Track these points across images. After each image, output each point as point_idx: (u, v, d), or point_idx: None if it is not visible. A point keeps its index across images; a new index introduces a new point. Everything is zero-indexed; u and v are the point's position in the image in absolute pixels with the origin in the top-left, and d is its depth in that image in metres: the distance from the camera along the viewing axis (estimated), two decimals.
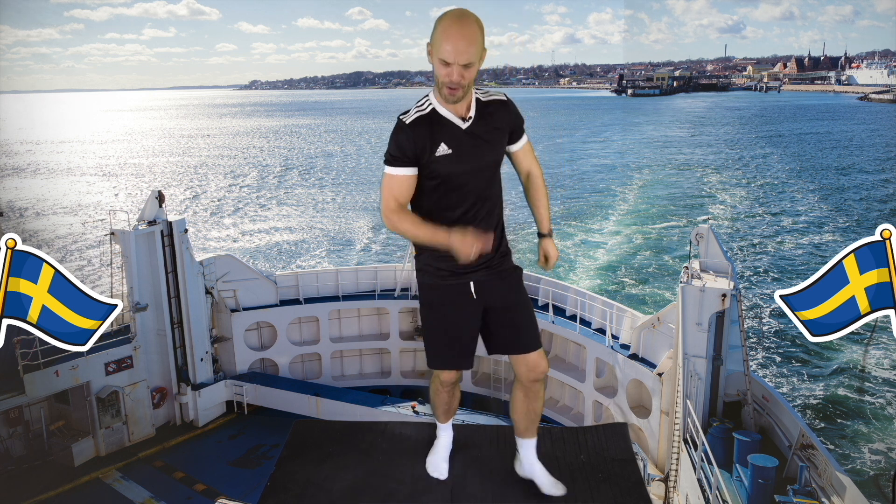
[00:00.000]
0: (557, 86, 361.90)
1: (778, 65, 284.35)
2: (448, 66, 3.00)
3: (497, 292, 3.48)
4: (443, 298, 3.49)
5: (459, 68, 3.00)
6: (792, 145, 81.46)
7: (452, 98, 3.11)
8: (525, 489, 3.88)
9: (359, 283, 19.22)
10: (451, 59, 2.97)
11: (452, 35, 2.95)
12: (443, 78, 3.05)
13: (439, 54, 2.99)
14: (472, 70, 3.05)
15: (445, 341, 3.56)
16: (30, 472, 14.49)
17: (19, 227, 41.64)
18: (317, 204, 50.92)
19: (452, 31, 2.96)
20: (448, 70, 3.01)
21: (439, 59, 3.01)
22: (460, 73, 3.01)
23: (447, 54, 2.97)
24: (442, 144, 3.18)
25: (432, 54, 3.05)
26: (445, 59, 2.98)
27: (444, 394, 3.88)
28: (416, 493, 3.82)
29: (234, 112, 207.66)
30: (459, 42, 2.95)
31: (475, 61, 3.03)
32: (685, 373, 12.16)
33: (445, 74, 3.03)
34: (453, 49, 2.96)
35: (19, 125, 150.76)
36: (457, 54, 2.96)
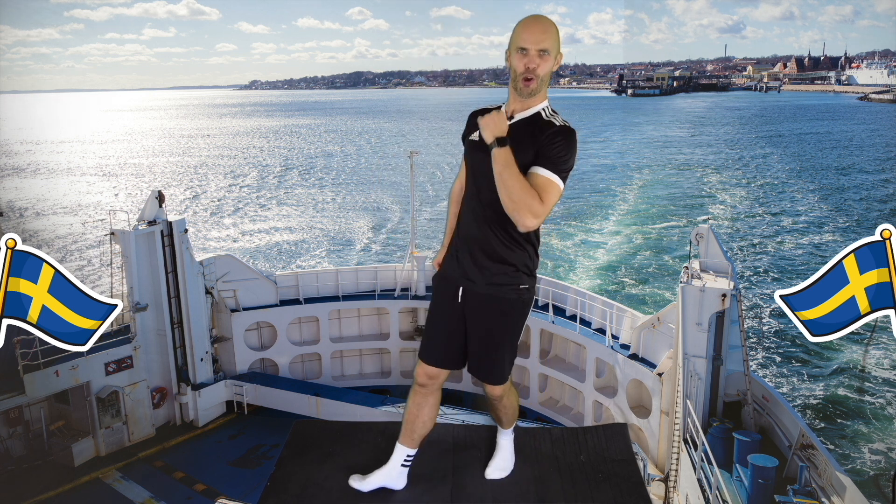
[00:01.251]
0: (557, 86, 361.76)
1: (778, 65, 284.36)
2: (525, 56, 3.04)
3: (476, 315, 3.41)
4: (437, 290, 3.60)
5: (536, 55, 3.03)
6: (792, 145, 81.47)
7: (527, 90, 3.09)
8: (525, 489, 3.88)
9: (359, 283, 19.23)
10: (527, 44, 3.02)
11: (529, 24, 3.05)
12: (520, 68, 3.06)
13: (517, 43, 3.05)
14: (548, 62, 3.06)
15: (429, 331, 3.64)
16: (30, 472, 14.48)
17: (19, 227, 41.64)
18: (317, 204, 50.92)
19: (529, 21, 3.06)
20: (526, 59, 3.04)
21: (517, 47, 3.05)
22: (535, 60, 3.03)
23: (524, 41, 3.03)
24: (477, 132, 3.22)
25: (510, 53, 3.11)
26: (522, 45, 3.03)
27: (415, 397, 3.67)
28: (416, 493, 3.82)
29: (234, 112, 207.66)
30: (536, 28, 3.03)
31: (551, 50, 3.04)
32: (685, 373, 12.17)
33: (523, 63, 3.05)
34: (530, 36, 3.02)
35: (19, 125, 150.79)
36: (533, 40, 3.01)
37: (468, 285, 3.38)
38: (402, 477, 3.77)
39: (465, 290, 3.40)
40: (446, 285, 3.50)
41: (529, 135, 3.07)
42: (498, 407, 3.84)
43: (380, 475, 3.77)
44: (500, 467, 3.98)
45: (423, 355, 3.63)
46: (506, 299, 3.34)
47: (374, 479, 3.76)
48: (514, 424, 4.05)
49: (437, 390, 3.68)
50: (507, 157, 2.93)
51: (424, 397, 3.67)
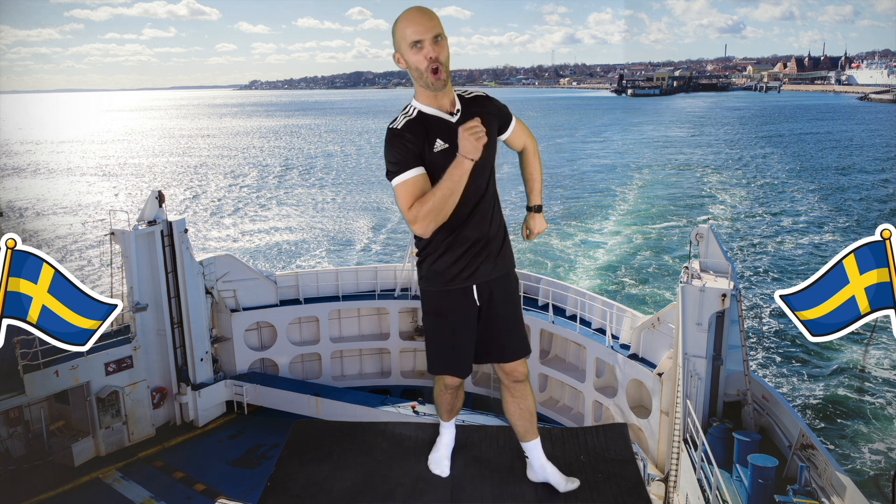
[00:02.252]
0: (557, 86, 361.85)
1: (778, 65, 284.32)
2: (420, 49, 2.97)
3: (494, 300, 3.48)
4: (448, 305, 3.46)
5: (431, 44, 2.97)
6: (792, 145, 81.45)
7: (439, 83, 3.03)
8: (525, 489, 3.88)
9: (359, 283, 19.22)
10: (419, 35, 2.95)
11: (412, 16, 2.98)
12: (420, 63, 3.00)
13: (406, 39, 2.98)
14: (445, 47, 3.01)
15: (449, 348, 3.56)
16: (30, 472, 14.48)
17: (19, 227, 41.64)
18: (317, 204, 50.92)
19: (410, 14, 2.99)
20: (423, 51, 2.98)
21: (409, 44, 2.98)
22: (434, 49, 2.97)
23: (414, 33, 2.96)
24: (438, 140, 3.15)
25: (401, 53, 3.05)
26: (415, 39, 2.96)
27: (447, 395, 3.89)
28: (416, 493, 3.82)
29: (234, 112, 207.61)
30: (421, 18, 2.97)
31: (442, 33, 2.98)
32: (685, 373, 12.16)
33: (423, 56, 2.98)
34: (419, 26, 2.96)
35: (19, 125, 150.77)
36: (424, 30, 2.95)
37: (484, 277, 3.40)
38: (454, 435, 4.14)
39: (479, 287, 3.42)
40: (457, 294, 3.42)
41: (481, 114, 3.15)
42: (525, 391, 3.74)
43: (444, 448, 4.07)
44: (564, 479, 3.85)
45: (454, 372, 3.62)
46: (513, 271, 3.58)
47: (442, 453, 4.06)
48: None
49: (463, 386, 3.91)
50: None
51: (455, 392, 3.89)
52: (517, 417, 3.79)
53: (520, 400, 3.75)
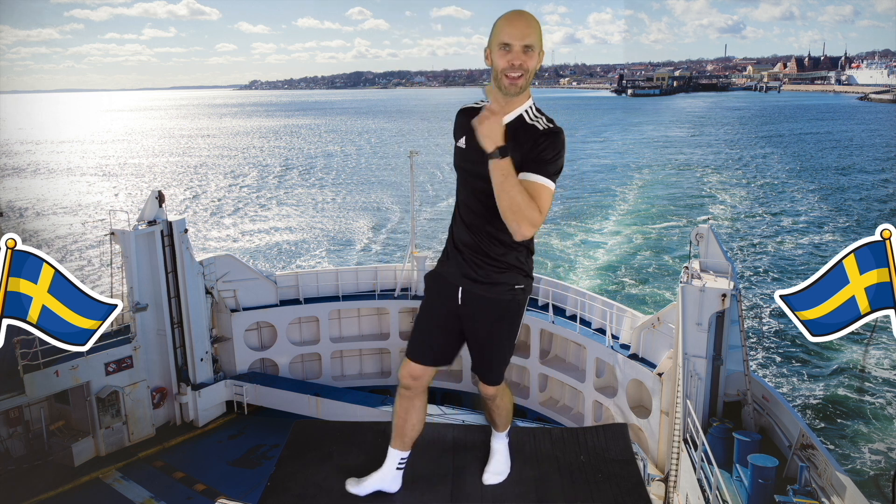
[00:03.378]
0: (557, 86, 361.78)
1: (778, 65, 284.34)
2: (508, 52, 2.93)
3: (475, 316, 3.43)
4: (431, 288, 3.54)
5: (520, 52, 2.92)
6: (792, 145, 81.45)
7: (514, 88, 2.98)
8: (525, 489, 3.88)
9: (359, 283, 19.22)
10: (510, 39, 2.91)
11: (512, 19, 2.95)
12: (503, 65, 2.94)
13: (499, 38, 2.94)
14: (533, 58, 2.95)
15: (418, 330, 3.60)
16: (30, 472, 14.48)
17: (19, 227, 41.63)
18: (317, 204, 50.91)
19: (511, 17, 2.96)
20: (509, 56, 2.93)
21: (499, 43, 2.94)
22: (520, 57, 2.93)
23: (507, 36, 2.92)
24: (463, 138, 3.18)
25: (490, 50, 3.00)
26: (505, 41, 2.92)
27: (401, 401, 3.65)
28: (415, 493, 3.82)
29: (234, 112, 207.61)
30: (519, 23, 2.93)
31: (535, 46, 2.94)
32: (685, 373, 12.16)
33: (507, 60, 2.93)
34: (514, 30, 2.92)
35: (19, 125, 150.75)
36: (518, 35, 2.91)
37: (467, 286, 3.36)
38: (397, 480, 3.79)
39: (464, 291, 3.39)
40: (444, 285, 3.46)
41: (513, 139, 2.94)
42: (491, 407, 3.85)
43: (375, 479, 3.78)
44: (496, 472, 3.97)
45: (411, 354, 3.58)
46: (502, 300, 3.37)
47: (370, 483, 3.78)
48: (509, 427, 4.03)
49: (422, 392, 3.67)
50: (507, 167, 2.82)
51: (410, 401, 3.66)
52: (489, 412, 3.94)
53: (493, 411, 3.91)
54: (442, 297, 3.48)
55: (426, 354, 3.56)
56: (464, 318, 3.45)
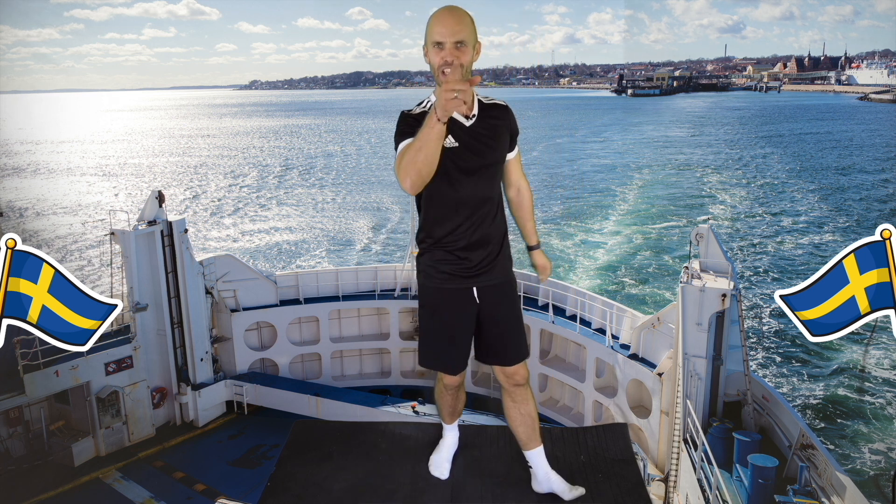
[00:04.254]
0: (557, 86, 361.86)
1: (778, 65, 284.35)
2: (441, 50, 2.97)
3: (495, 304, 3.48)
4: (444, 303, 3.45)
5: (452, 48, 2.95)
6: (792, 145, 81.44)
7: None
8: (526, 490, 3.88)
9: (359, 283, 19.22)
10: (442, 37, 2.95)
11: (441, 17, 2.98)
12: (438, 62, 2.98)
13: (431, 38, 2.98)
14: (467, 52, 2.98)
15: (443, 344, 3.56)
16: (30, 472, 14.49)
17: (19, 227, 41.63)
18: (317, 204, 50.91)
19: (441, 14, 2.99)
20: (443, 53, 2.97)
21: (432, 42, 2.98)
22: (454, 53, 2.95)
23: (438, 34, 2.95)
24: (449, 137, 3.15)
25: (427, 50, 3.04)
26: (437, 40, 2.96)
27: (448, 396, 3.90)
28: (416, 493, 3.82)
29: (234, 112, 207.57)
30: (448, 20, 2.96)
31: (468, 41, 2.97)
32: (685, 373, 12.16)
33: (441, 58, 2.97)
34: (444, 28, 2.95)
35: (19, 125, 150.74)
36: (448, 33, 2.94)
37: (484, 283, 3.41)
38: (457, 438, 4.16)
39: (479, 289, 3.42)
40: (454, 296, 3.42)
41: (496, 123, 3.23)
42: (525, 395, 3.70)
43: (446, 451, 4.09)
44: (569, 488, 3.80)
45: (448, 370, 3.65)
46: (512, 278, 3.58)
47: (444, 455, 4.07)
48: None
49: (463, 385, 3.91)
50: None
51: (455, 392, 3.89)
52: (518, 423, 3.74)
53: (520, 405, 3.71)
54: (456, 308, 3.45)
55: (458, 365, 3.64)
56: (484, 313, 3.49)
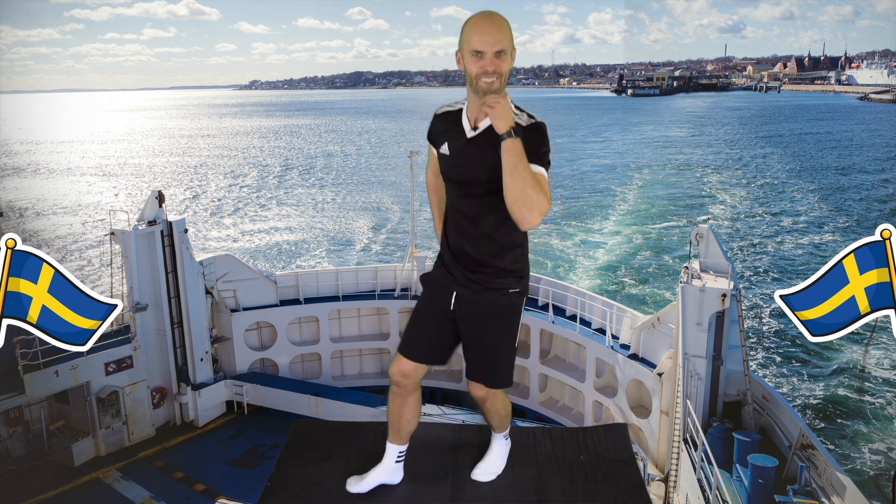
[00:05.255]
0: (557, 86, 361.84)
1: (778, 65, 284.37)
2: (481, 59, 2.90)
3: (470, 319, 3.39)
4: (430, 289, 3.52)
5: (493, 58, 2.89)
6: (792, 145, 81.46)
7: (490, 89, 2.94)
8: (525, 489, 3.88)
9: (359, 283, 19.22)
10: (482, 46, 2.88)
11: (481, 25, 2.89)
12: (477, 71, 2.92)
13: (470, 46, 2.90)
14: (506, 61, 2.92)
15: (414, 326, 3.59)
16: (30, 472, 14.49)
17: (19, 227, 41.63)
18: (317, 204, 50.92)
19: (480, 21, 2.90)
20: (482, 62, 2.90)
21: (471, 51, 2.90)
22: (494, 63, 2.89)
23: (478, 43, 2.88)
24: (445, 144, 3.15)
25: (462, 55, 2.97)
26: (476, 49, 2.88)
27: (394, 399, 3.64)
28: (416, 493, 3.82)
29: (234, 112, 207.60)
30: (489, 28, 2.88)
31: (507, 49, 2.91)
32: (685, 373, 12.17)
33: (479, 67, 2.90)
34: (485, 37, 2.87)
35: (19, 125, 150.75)
36: (489, 42, 2.87)
37: (462, 291, 3.34)
38: (398, 472, 3.80)
39: (458, 296, 3.36)
40: (439, 288, 3.44)
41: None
42: (483, 409, 3.83)
43: (376, 474, 3.78)
44: (486, 471, 3.94)
45: (403, 350, 3.56)
46: (498, 304, 3.33)
47: (372, 478, 3.77)
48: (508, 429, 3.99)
49: (415, 389, 3.64)
50: (521, 148, 2.79)
51: (403, 398, 3.64)
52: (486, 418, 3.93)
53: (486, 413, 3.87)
54: (437, 300, 3.46)
55: (418, 351, 3.53)
56: (459, 322, 3.44)
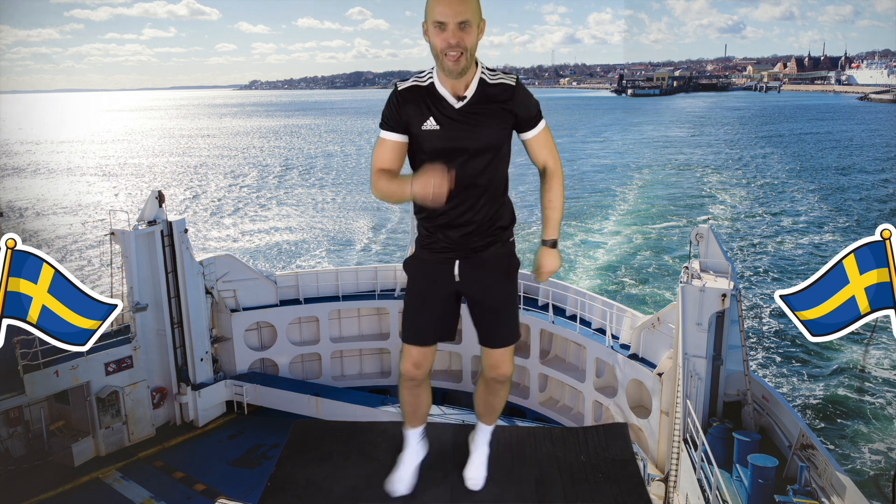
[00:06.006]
0: (557, 86, 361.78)
1: (778, 65, 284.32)
2: (444, 31, 2.81)
3: (479, 281, 3.34)
4: (421, 272, 3.42)
5: (455, 29, 2.80)
6: (792, 145, 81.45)
7: (456, 68, 2.88)
8: (525, 489, 3.88)
9: (359, 283, 19.21)
10: (444, 17, 2.78)
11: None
12: (440, 44, 2.83)
13: (432, 17, 2.81)
14: (471, 34, 2.84)
15: (416, 313, 3.47)
16: (30, 472, 14.49)
17: (19, 227, 41.63)
18: (317, 204, 50.91)
19: None
20: (444, 35, 2.81)
21: (433, 22, 2.81)
22: (457, 35, 2.81)
23: (440, 14, 2.78)
24: (430, 119, 3.04)
25: (427, 28, 2.89)
26: (439, 20, 2.79)
27: (406, 390, 3.62)
28: (415, 493, 3.82)
29: (234, 112, 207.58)
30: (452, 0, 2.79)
31: (472, 21, 2.82)
32: (685, 373, 12.16)
33: (442, 39, 2.82)
34: (446, 7, 2.78)
35: (19, 125, 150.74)
36: (451, 13, 2.77)
37: (466, 256, 3.29)
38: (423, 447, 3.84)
39: (461, 265, 3.30)
40: (433, 268, 3.36)
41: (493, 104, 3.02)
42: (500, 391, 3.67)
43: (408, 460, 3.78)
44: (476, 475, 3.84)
45: (409, 338, 3.47)
46: (505, 254, 3.37)
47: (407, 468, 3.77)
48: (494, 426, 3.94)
49: (425, 380, 3.61)
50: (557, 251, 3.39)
51: (416, 389, 3.62)
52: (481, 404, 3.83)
53: (490, 395, 3.73)
54: (432, 281, 3.38)
55: (425, 334, 3.46)
56: (466, 291, 3.37)
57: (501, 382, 3.63)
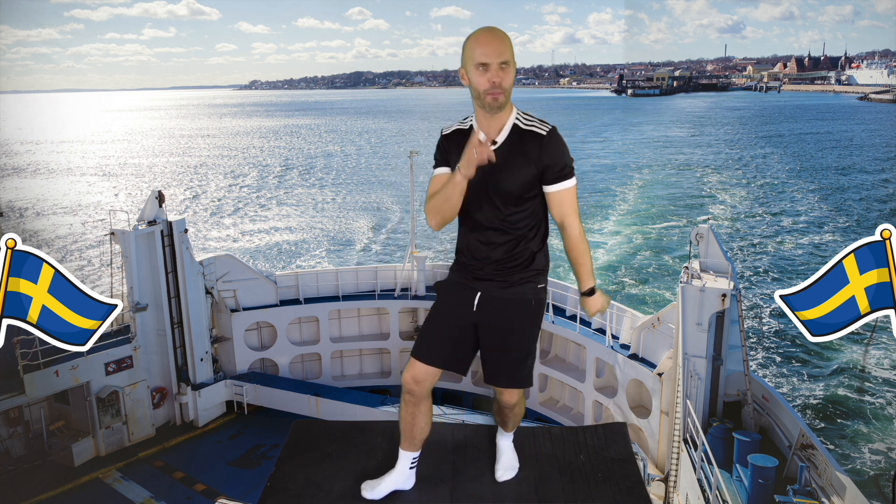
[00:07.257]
0: (557, 86, 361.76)
1: (778, 65, 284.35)
2: (486, 71, 3.01)
3: (493, 318, 3.40)
4: (447, 294, 3.51)
5: (497, 69, 3.00)
6: (792, 145, 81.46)
7: (496, 104, 3.06)
8: (525, 489, 3.88)
9: (359, 283, 19.22)
10: (487, 58, 2.98)
11: (483, 37, 3.02)
12: (484, 84, 3.02)
13: (474, 59, 3.00)
14: (510, 73, 3.04)
15: (429, 330, 3.54)
16: (30, 472, 14.49)
17: (19, 227, 41.64)
18: (317, 204, 50.92)
19: (482, 35, 3.03)
20: (488, 75, 3.01)
21: (476, 64, 3.01)
22: (499, 75, 3.00)
23: (483, 56, 2.99)
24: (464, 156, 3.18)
25: (466, 70, 3.06)
26: (482, 61, 2.99)
27: (406, 406, 3.62)
28: (416, 493, 3.82)
29: (234, 112, 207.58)
30: (492, 41, 3.00)
31: (511, 61, 3.02)
32: (685, 373, 12.17)
33: (487, 79, 3.01)
34: (489, 49, 2.99)
35: (19, 125, 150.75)
36: (494, 53, 2.98)
37: (487, 290, 3.36)
38: (411, 478, 3.80)
39: (482, 297, 3.38)
40: (459, 293, 3.43)
41: (520, 152, 3.15)
42: (508, 413, 3.83)
43: (390, 480, 3.75)
44: (509, 467, 3.97)
45: (417, 353, 3.52)
46: (526, 300, 3.38)
47: (386, 485, 3.75)
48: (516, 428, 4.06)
49: (426, 397, 3.63)
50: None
51: (415, 406, 3.61)
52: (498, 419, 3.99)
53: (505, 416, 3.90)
54: (456, 304, 3.45)
55: (434, 355, 3.50)
56: (482, 324, 3.42)
57: (510, 407, 3.76)
